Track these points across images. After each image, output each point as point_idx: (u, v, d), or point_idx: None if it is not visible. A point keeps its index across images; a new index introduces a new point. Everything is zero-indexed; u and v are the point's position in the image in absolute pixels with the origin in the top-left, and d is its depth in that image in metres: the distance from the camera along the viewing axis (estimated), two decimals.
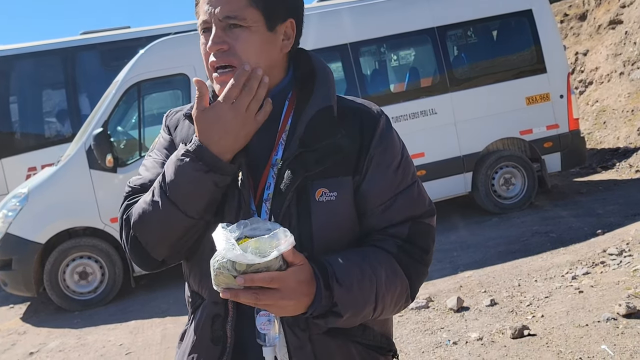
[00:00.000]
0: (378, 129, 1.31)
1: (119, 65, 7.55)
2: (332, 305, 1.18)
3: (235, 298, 1.10)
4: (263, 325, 1.25)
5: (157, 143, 1.45)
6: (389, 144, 1.32)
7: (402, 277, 1.27)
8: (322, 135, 1.27)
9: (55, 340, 5.35)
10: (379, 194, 1.30)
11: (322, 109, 1.29)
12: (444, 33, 7.35)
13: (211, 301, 1.30)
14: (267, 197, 1.27)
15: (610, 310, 3.94)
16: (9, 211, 6.18)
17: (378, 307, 1.24)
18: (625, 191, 7.47)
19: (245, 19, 1.23)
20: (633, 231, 5.54)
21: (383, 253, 1.26)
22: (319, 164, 1.26)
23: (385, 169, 1.31)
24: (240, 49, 1.24)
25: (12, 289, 6.16)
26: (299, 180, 1.24)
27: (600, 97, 11.10)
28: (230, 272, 1.07)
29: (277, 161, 1.28)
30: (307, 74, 1.34)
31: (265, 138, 1.30)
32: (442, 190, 7.16)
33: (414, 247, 1.30)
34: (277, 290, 1.10)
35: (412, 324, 4.39)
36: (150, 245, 1.30)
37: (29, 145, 8.77)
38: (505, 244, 6.04)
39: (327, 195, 1.26)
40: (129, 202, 1.35)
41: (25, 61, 8.95)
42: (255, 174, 1.29)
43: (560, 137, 7.37)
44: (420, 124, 7.03)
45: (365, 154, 1.29)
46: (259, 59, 1.25)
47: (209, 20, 1.25)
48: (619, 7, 11.87)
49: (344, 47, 7.07)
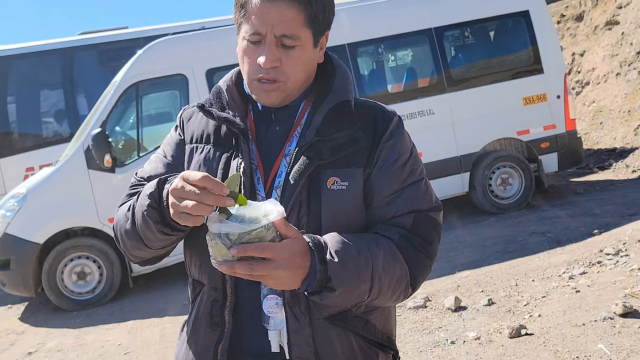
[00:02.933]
0: (391, 126, 1.37)
1: (117, 65, 7.56)
2: (326, 280, 1.18)
3: (231, 270, 1.11)
4: (270, 308, 1.27)
5: (168, 137, 1.50)
6: (399, 140, 1.37)
7: (402, 262, 1.28)
8: (339, 126, 1.32)
9: (54, 340, 5.35)
10: (386, 186, 1.33)
11: (340, 102, 1.35)
12: (442, 33, 7.38)
13: (210, 287, 1.34)
14: (278, 185, 1.31)
15: (607, 309, 3.96)
16: (7, 211, 6.18)
17: (374, 287, 1.24)
18: (621, 191, 7.50)
19: (300, 38, 1.28)
20: (630, 231, 5.56)
21: (384, 239, 1.29)
22: (333, 153, 1.30)
23: (393, 162, 1.35)
24: (290, 67, 1.30)
25: (11, 289, 6.16)
26: (313, 166, 1.28)
27: (597, 97, 11.13)
28: (224, 243, 1.09)
29: (291, 151, 1.32)
30: (327, 72, 1.40)
31: (281, 131, 1.36)
32: (439, 190, 7.17)
33: (417, 237, 1.32)
34: (271, 261, 1.11)
35: (410, 323, 4.41)
36: (125, 250, 1.42)
37: (27, 146, 8.76)
38: (503, 243, 6.06)
39: (339, 184, 1.30)
40: (129, 192, 1.44)
41: (23, 61, 8.94)
42: (267, 163, 1.34)
43: (557, 137, 7.40)
44: (417, 124, 7.05)
45: (376, 148, 1.34)
46: (304, 74, 1.33)
47: (264, 34, 1.27)
48: (615, 8, 11.91)
49: (342, 48, 7.08)
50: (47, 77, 9.26)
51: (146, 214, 1.26)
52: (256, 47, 1.29)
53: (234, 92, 1.41)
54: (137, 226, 1.31)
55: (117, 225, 1.39)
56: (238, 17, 1.32)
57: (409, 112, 7.06)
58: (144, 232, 1.30)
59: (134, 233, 1.32)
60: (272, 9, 1.25)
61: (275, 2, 1.25)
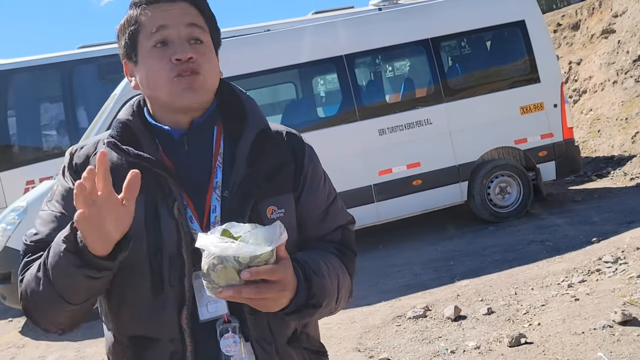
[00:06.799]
0: (306, 148, 1.42)
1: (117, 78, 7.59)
2: (308, 297, 1.20)
3: (237, 294, 1.07)
4: (229, 347, 1.23)
5: (56, 192, 1.34)
6: (316, 162, 1.43)
7: (347, 273, 1.37)
8: (267, 154, 1.33)
9: (54, 354, 5.35)
10: (316, 207, 1.40)
11: (262, 131, 1.35)
12: (438, 44, 7.43)
13: (167, 339, 1.24)
14: (215, 221, 1.27)
15: (606, 317, 3.97)
16: (7, 225, 6.19)
17: (339, 298, 1.32)
18: (620, 199, 7.52)
19: (206, 31, 1.32)
20: (628, 239, 5.58)
21: (329, 253, 1.36)
22: (267, 181, 1.31)
23: (318, 184, 1.41)
24: (204, 61, 1.30)
25: (11, 302, 6.16)
26: (254, 198, 1.28)
27: (594, 105, 11.18)
28: (234, 266, 1.06)
29: (218, 183, 1.30)
30: (231, 101, 1.39)
31: (200, 163, 1.32)
32: (438, 200, 7.20)
33: (347, 249, 1.42)
34: (277, 283, 1.10)
35: (410, 333, 4.42)
36: (40, 320, 1.26)
37: (27, 159, 8.78)
38: (502, 252, 6.07)
39: (277, 212, 1.32)
40: (27, 260, 1.29)
41: (23, 75, 8.99)
42: (195, 199, 1.29)
43: (555, 145, 7.44)
44: (415, 134, 7.09)
45: (300, 171, 1.38)
46: (215, 75, 1.34)
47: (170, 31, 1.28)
48: (611, 17, 11.99)
49: (340, 59, 7.13)
50: (47, 90, 9.30)
51: (66, 262, 1.13)
52: (164, 48, 1.27)
53: (139, 125, 1.33)
54: (53, 284, 1.17)
55: (27, 292, 1.23)
56: (129, 35, 1.30)
57: (406, 122, 7.10)
58: (65, 286, 1.16)
59: (50, 293, 1.18)
60: (172, 7, 1.28)
61: (174, 2, 1.28)
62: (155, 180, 1.26)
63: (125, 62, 1.36)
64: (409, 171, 7.05)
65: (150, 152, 1.27)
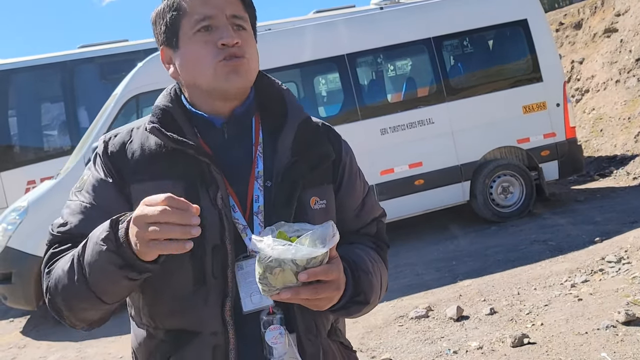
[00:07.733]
0: (342, 140, 1.43)
1: (118, 78, 7.60)
2: (355, 294, 1.23)
3: (296, 295, 1.06)
4: (274, 338, 1.23)
5: (86, 182, 1.32)
6: (352, 155, 1.44)
7: (385, 267, 1.40)
8: (310, 144, 1.32)
9: (56, 354, 5.34)
10: (354, 200, 1.41)
11: (304, 120, 1.35)
12: (440, 43, 7.41)
13: (209, 332, 1.22)
14: (258, 210, 1.26)
15: (609, 317, 3.95)
16: (8, 225, 6.18)
17: (381, 293, 1.34)
18: (622, 198, 7.50)
19: (247, 20, 1.32)
20: (631, 238, 5.55)
21: (366, 247, 1.38)
22: (312, 171, 1.30)
23: (355, 177, 1.42)
24: (247, 46, 1.30)
25: (12, 302, 6.15)
26: (299, 188, 1.27)
27: (597, 105, 11.16)
28: (291, 269, 1.05)
29: (260, 173, 1.29)
30: (269, 91, 1.38)
31: (239, 152, 1.31)
32: (440, 199, 7.18)
33: (381, 242, 1.45)
34: (332, 282, 1.10)
35: (412, 333, 4.40)
36: (68, 316, 1.22)
37: (28, 159, 8.79)
38: (504, 252, 6.05)
39: (319, 203, 1.31)
40: (54, 251, 1.25)
41: (24, 75, 8.99)
42: (237, 188, 1.27)
43: (557, 145, 7.41)
44: (417, 134, 7.07)
45: (339, 162, 1.38)
46: (257, 60, 1.34)
47: (216, 17, 1.28)
48: (613, 16, 11.96)
49: (341, 58, 7.11)
50: (48, 90, 9.31)
51: (106, 262, 1.09)
52: (208, 33, 1.26)
53: (178, 111, 1.30)
54: (88, 282, 1.13)
55: (57, 288, 1.18)
56: (170, 20, 1.28)
57: (408, 121, 7.08)
58: (101, 285, 1.13)
59: (84, 291, 1.14)
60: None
61: None
62: (196, 167, 1.24)
63: (163, 48, 1.33)
64: (411, 171, 7.03)
65: (191, 139, 1.25)
